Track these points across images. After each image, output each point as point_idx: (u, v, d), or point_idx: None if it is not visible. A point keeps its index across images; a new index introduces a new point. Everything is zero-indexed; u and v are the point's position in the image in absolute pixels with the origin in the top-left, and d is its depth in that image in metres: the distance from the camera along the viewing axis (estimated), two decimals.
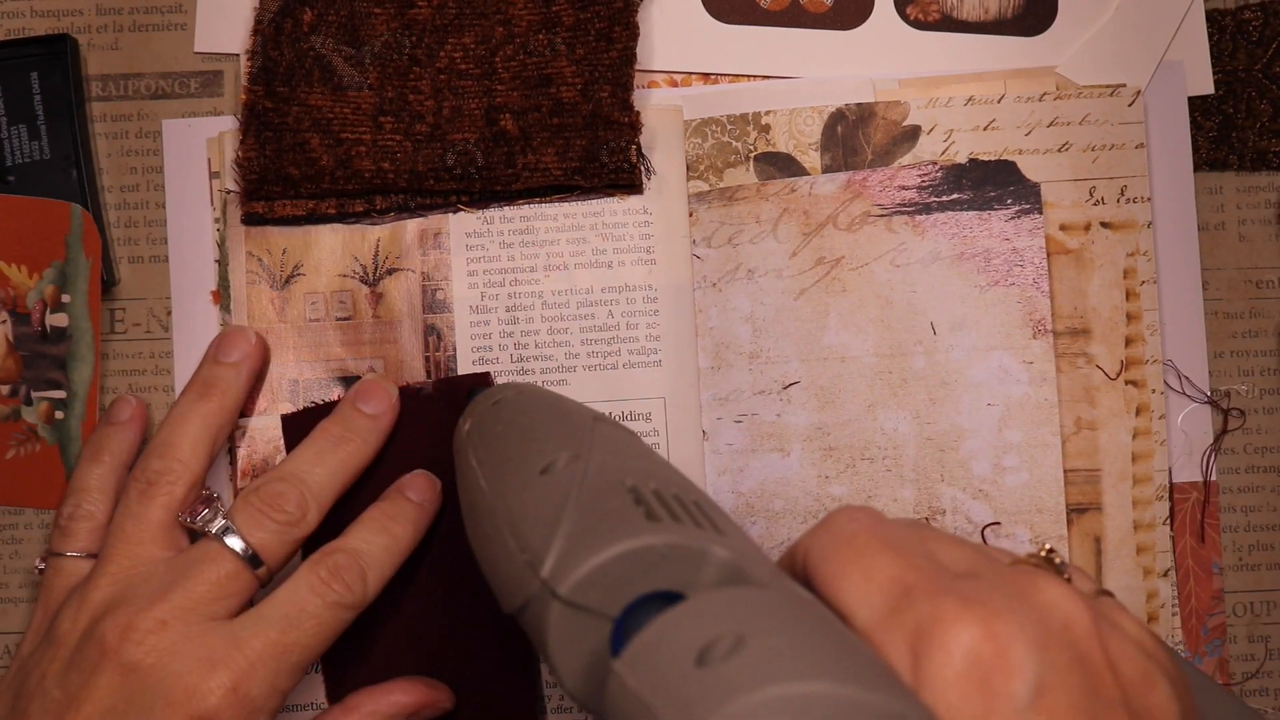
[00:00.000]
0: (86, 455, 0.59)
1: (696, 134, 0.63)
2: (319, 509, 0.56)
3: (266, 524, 0.54)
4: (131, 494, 0.56)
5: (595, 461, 0.46)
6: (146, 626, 0.51)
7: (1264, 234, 0.64)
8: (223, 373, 0.59)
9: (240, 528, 0.54)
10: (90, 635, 0.52)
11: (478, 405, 0.54)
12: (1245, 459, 0.63)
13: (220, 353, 0.60)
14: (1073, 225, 0.62)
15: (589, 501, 0.44)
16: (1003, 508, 0.61)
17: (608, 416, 0.52)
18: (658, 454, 0.50)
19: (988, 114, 0.62)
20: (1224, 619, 0.62)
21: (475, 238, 0.63)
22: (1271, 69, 0.63)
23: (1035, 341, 0.61)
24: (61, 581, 0.56)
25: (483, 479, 0.48)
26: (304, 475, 0.56)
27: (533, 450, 0.48)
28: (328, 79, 0.62)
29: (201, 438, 0.57)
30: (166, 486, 0.55)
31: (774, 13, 0.64)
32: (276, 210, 0.62)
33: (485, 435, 0.51)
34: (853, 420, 0.62)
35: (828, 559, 0.41)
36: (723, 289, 0.63)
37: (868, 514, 0.42)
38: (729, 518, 0.45)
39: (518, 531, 0.44)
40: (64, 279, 0.62)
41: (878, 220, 0.62)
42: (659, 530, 0.42)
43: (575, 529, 0.43)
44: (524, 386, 0.55)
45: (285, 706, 0.55)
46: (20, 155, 0.63)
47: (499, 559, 0.45)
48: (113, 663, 0.51)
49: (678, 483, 0.46)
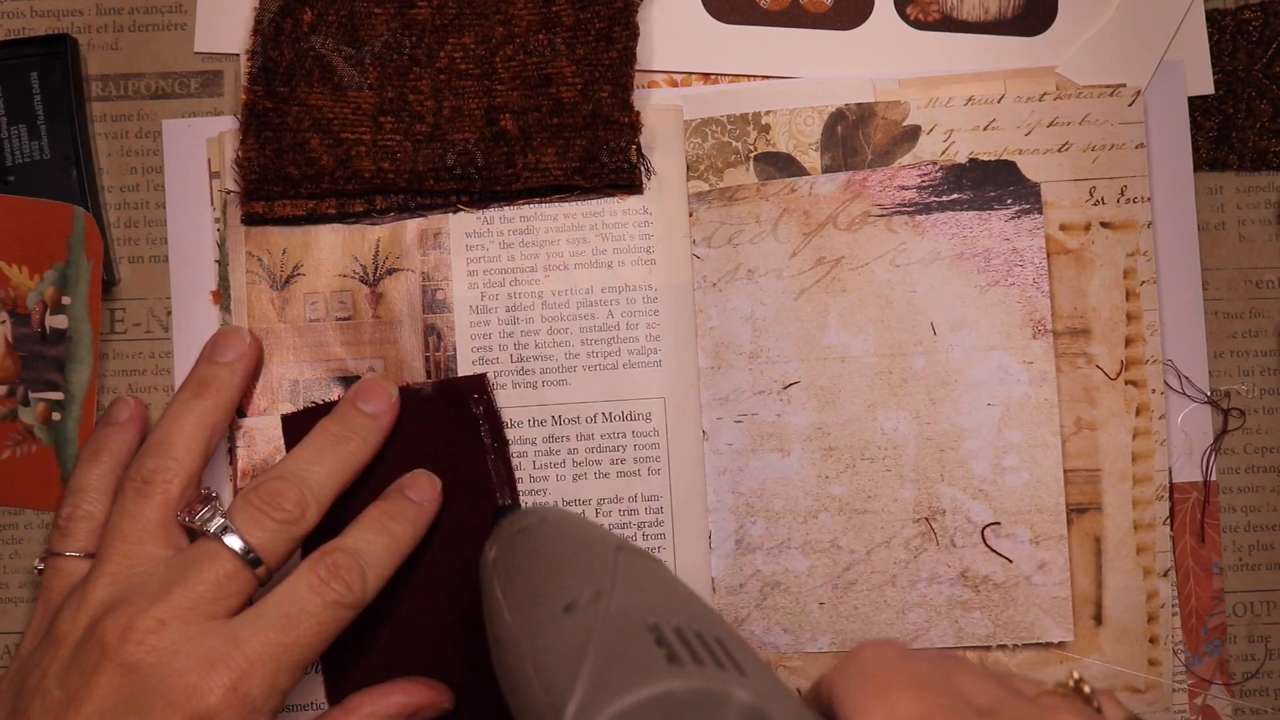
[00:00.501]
0: (85, 455, 0.59)
1: (696, 134, 0.63)
2: (318, 507, 0.56)
3: (265, 522, 0.54)
4: (128, 493, 0.56)
5: (618, 599, 0.46)
6: (146, 626, 0.51)
7: (1264, 234, 0.64)
8: (218, 372, 0.59)
9: (239, 526, 0.54)
10: (90, 635, 0.52)
11: (503, 532, 0.55)
12: (1245, 459, 0.63)
13: (215, 352, 0.60)
14: (1073, 225, 0.62)
15: (611, 642, 0.44)
16: (1003, 508, 0.61)
17: (630, 543, 0.52)
18: (680, 583, 0.50)
19: (988, 114, 0.62)
20: (1224, 619, 0.62)
21: (475, 238, 0.63)
22: (1271, 69, 0.63)
23: (1035, 341, 0.61)
24: (61, 582, 0.56)
25: (507, 612, 0.49)
26: (303, 474, 0.56)
27: (556, 586, 0.48)
28: (328, 79, 0.62)
29: (197, 436, 0.57)
30: (162, 485, 0.55)
31: (774, 13, 0.64)
32: (276, 210, 0.62)
33: (510, 566, 0.52)
34: (853, 420, 0.62)
35: (852, 695, 0.41)
36: (723, 289, 0.63)
37: (894, 649, 0.42)
38: (752, 652, 0.45)
39: (541, 671, 0.44)
40: (65, 281, 0.62)
41: (878, 220, 0.62)
42: (680, 674, 0.42)
43: (597, 672, 0.43)
44: (548, 512, 0.55)
45: (285, 706, 0.55)
46: (20, 155, 0.63)
47: (523, 697, 0.45)
48: (113, 662, 0.51)
49: (700, 616, 0.46)
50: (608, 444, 0.62)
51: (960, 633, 0.61)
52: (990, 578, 0.61)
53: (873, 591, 0.61)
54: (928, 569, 0.61)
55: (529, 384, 0.62)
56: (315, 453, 0.57)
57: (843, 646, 0.62)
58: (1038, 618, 0.61)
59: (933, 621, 0.61)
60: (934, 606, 0.61)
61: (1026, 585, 0.61)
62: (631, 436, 0.62)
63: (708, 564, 0.62)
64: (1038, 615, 0.61)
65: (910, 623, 0.61)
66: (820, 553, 0.62)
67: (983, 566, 0.61)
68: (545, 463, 0.62)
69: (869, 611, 0.61)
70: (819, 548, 0.62)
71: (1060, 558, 0.61)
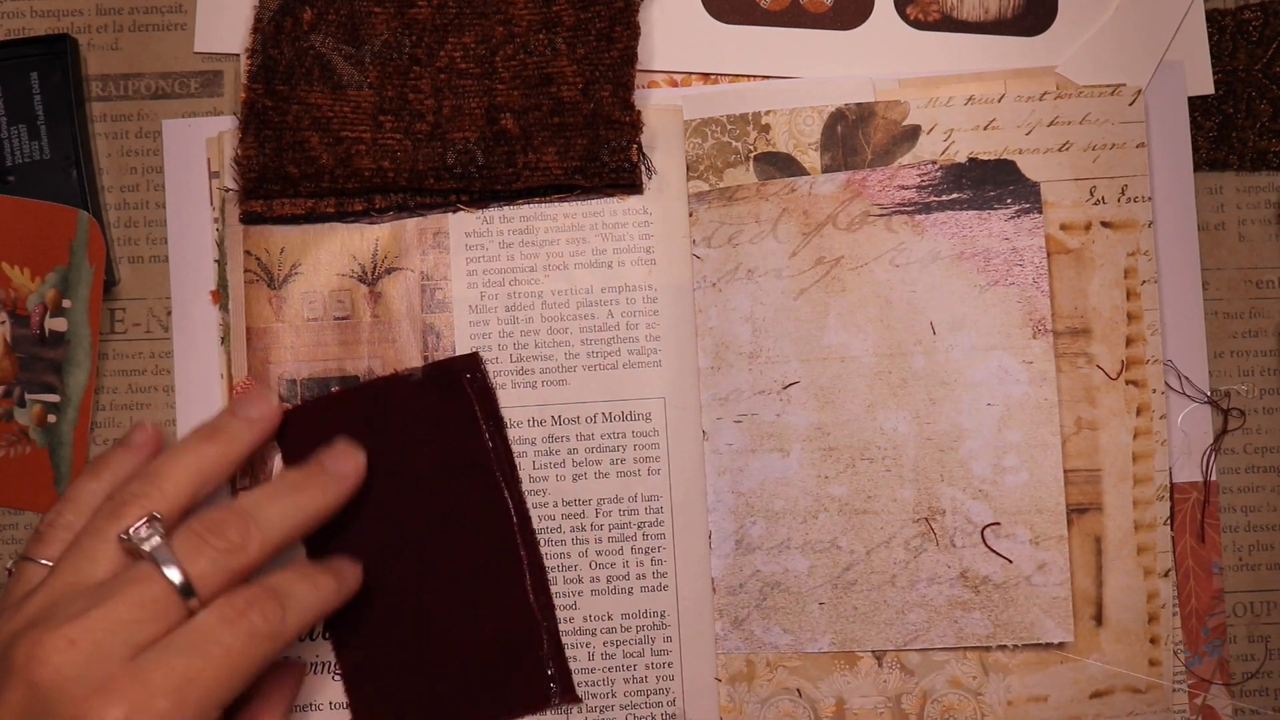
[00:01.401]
0: (88, 470, 0.58)
1: (696, 134, 0.63)
2: (263, 544, 0.53)
3: (205, 550, 0.51)
4: (102, 510, 0.54)
5: None
6: (54, 645, 0.49)
7: (1264, 234, 0.64)
8: (234, 424, 0.58)
9: (176, 550, 0.51)
10: (8, 648, 0.50)
11: None
12: (1245, 459, 0.63)
13: (239, 406, 0.58)
14: (1073, 225, 0.62)
15: None
16: (1003, 508, 0.61)
17: None
18: None
19: (988, 113, 0.62)
20: (1224, 619, 0.62)
21: (475, 237, 0.63)
22: (1271, 69, 0.63)
23: (1035, 341, 0.61)
24: (20, 587, 0.54)
25: None
26: (252, 509, 0.54)
27: None
28: (327, 78, 0.62)
29: (191, 475, 0.55)
30: (138, 509, 0.53)
31: (774, 13, 0.64)
32: (275, 209, 0.62)
33: None
34: (852, 420, 0.62)
35: None
36: (722, 289, 0.63)
37: None
38: None
39: None
40: (66, 284, 0.62)
41: (877, 220, 0.62)
42: None
43: None
44: None
45: (296, 707, 0.53)
46: (20, 155, 0.63)
47: None
48: (19, 679, 0.49)
49: None
50: (607, 444, 0.62)
51: (960, 633, 0.61)
52: (990, 578, 0.61)
53: (873, 592, 0.61)
54: (927, 569, 0.61)
55: (528, 384, 0.62)
56: (269, 494, 0.55)
57: (843, 647, 0.62)
58: (1038, 618, 0.61)
59: (932, 622, 0.61)
60: (934, 607, 0.61)
61: (1026, 585, 0.61)
62: (631, 436, 0.62)
63: (707, 564, 0.62)
64: (1038, 616, 0.61)
65: (910, 623, 0.61)
66: (820, 553, 0.62)
67: (983, 567, 0.61)
68: (545, 463, 0.62)
69: (869, 612, 0.61)
70: (819, 548, 0.62)
71: (1060, 558, 0.61)
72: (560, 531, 0.62)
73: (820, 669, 0.62)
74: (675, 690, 0.62)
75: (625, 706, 0.62)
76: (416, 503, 0.61)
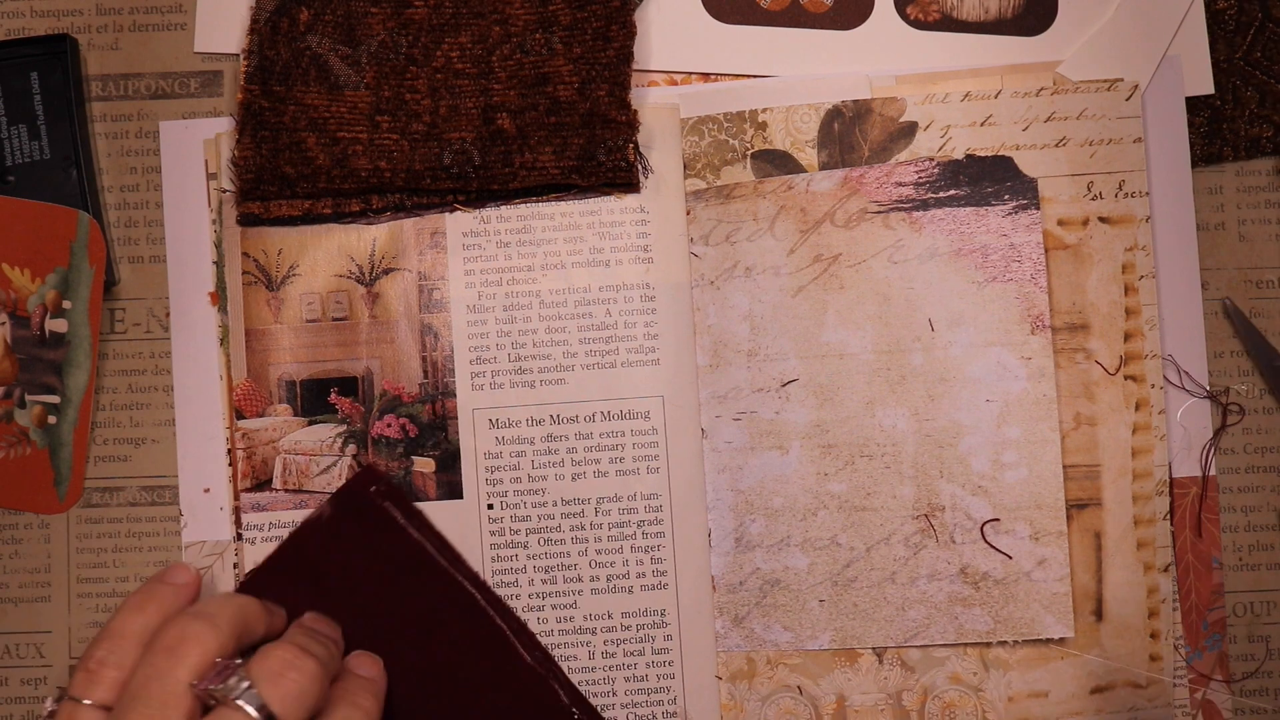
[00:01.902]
0: (132, 603, 0.56)
1: (693, 132, 0.63)
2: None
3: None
4: (158, 653, 0.53)
5: None
6: None
7: (1264, 234, 0.64)
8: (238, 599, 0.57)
9: (264, 693, 0.51)
10: None
11: None
12: (1245, 458, 0.63)
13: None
14: (1070, 220, 0.62)
15: None
16: (1002, 504, 0.61)
17: None
18: None
19: (985, 109, 0.62)
20: (1223, 614, 0.62)
21: (472, 237, 0.63)
22: (1252, 55, 0.63)
23: (1033, 337, 0.61)
24: None
25: None
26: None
27: None
28: (324, 78, 0.62)
29: (238, 618, 0.55)
30: (198, 650, 0.53)
31: (774, 12, 0.64)
32: (272, 210, 0.62)
33: None
34: (851, 417, 0.62)
35: None
36: (720, 287, 0.63)
37: None
38: None
39: None
40: (66, 285, 0.62)
41: (875, 217, 0.62)
42: None
43: None
44: None
45: None
46: (20, 155, 0.63)
47: None
48: None
49: None
50: (606, 443, 0.62)
51: (960, 629, 0.61)
52: (990, 574, 0.61)
53: (873, 588, 0.61)
54: (927, 566, 0.61)
55: (527, 383, 0.62)
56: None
57: (843, 644, 0.61)
58: (1038, 614, 0.61)
59: (933, 618, 0.61)
60: (934, 603, 0.61)
61: (1026, 581, 0.61)
62: (630, 435, 0.62)
63: (707, 562, 0.62)
64: (1038, 611, 0.61)
65: (910, 620, 0.61)
66: (820, 550, 0.61)
67: (982, 563, 0.61)
68: (544, 462, 0.62)
69: (869, 608, 0.61)
70: (818, 545, 0.62)
71: (1060, 553, 0.61)
72: (560, 531, 0.62)
73: (821, 666, 0.62)
74: (676, 688, 0.62)
75: (626, 705, 0.62)
76: (388, 625, 0.60)
